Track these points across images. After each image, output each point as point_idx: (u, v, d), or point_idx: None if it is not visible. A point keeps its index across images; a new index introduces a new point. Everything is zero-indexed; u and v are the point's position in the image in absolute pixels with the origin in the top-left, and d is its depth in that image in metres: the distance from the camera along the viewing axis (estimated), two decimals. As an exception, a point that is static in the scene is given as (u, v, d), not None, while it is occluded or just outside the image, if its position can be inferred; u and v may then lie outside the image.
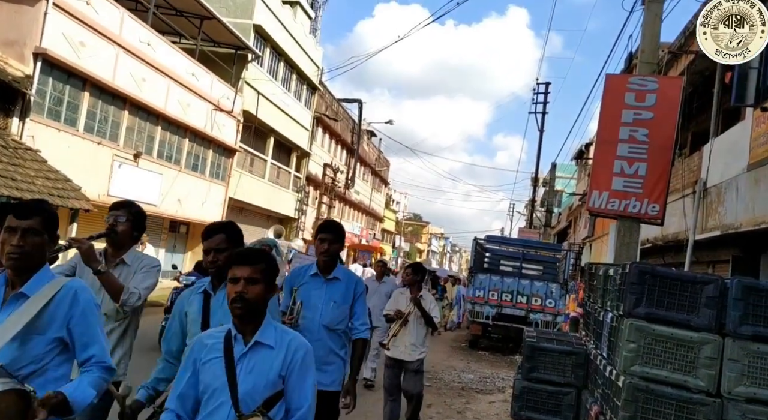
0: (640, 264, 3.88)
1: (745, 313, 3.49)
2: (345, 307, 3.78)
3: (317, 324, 3.67)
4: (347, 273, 3.94)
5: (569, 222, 30.78)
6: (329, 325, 3.70)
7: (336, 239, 3.81)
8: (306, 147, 26.86)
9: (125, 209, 3.36)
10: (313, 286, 3.77)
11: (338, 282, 3.80)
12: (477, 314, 12.98)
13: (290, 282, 3.84)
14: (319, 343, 3.55)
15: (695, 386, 3.54)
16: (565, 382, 5.23)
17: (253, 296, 2.22)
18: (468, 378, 9.68)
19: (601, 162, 6.56)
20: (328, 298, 3.73)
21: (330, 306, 3.72)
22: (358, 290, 3.87)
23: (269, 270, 2.32)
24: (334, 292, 3.76)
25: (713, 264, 10.69)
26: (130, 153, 15.30)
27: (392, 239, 55.13)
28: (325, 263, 3.81)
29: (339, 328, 3.76)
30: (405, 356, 5.83)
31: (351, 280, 3.87)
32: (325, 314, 3.71)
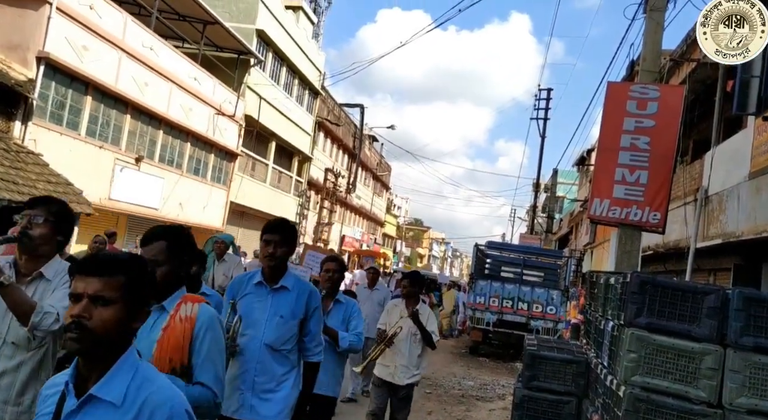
0: (641, 274, 3.87)
1: (747, 324, 3.48)
2: (294, 323, 3.21)
3: (259, 343, 3.13)
4: (299, 282, 3.34)
5: (570, 228, 30.75)
6: (273, 344, 3.14)
7: (284, 241, 3.23)
8: (308, 151, 26.89)
9: (43, 207, 2.59)
10: (256, 297, 3.22)
11: (287, 292, 3.22)
12: (478, 320, 12.96)
13: (231, 292, 3.31)
14: (260, 366, 3.12)
15: (696, 397, 3.53)
16: (565, 391, 5.21)
17: (98, 324, 1.47)
18: (468, 385, 9.65)
19: (603, 169, 6.55)
20: (273, 312, 3.17)
21: (275, 321, 3.16)
22: (312, 303, 3.29)
23: (134, 285, 1.55)
24: (282, 304, 3.20)
25: (714, 272, 10.67)
26: (131, 157, 15.32)
27: (393, 244, 55.10)
28: (270, 270, 3.22)
29: (285, 349, 3.18)
30: (394, 379, 5.15)
31: (303, 291, 3.28)
32: (268, 331, 3.14)
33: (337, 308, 4.16)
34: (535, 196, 31.92)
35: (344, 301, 4.18)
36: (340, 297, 4.17)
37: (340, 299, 4.18)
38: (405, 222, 71.33)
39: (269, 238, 3.19)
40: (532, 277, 13.41)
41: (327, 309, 3.85)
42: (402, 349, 5.12)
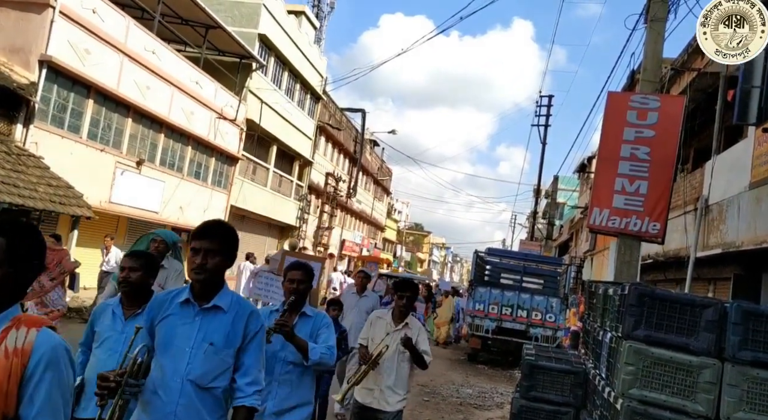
0: (640, 286, 3.86)
1: (745, 338, 3.47)
2: (228, 352, 2.48)
3: (180, 379, 2.39)
4: (238, 301, 2.60)
5: (571, 235, 30.74)
6: (200, 380, 2.41)
7: (220, 249, 2.53)
8: (308, 156, 26.92)
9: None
10: (180, 319, 2.49)
11: (221, 314, 2.51)
12: (477, 327, 12.94)
13: (149, 313, 2.58)
14: (181, 411, 2.37)
15: (694, 411, 3.52)
16: (563, 402, 5.19)
17: None
18: (466, 393, 9.62)
19: (602, 179, 6.55)
20: (201, 339, 2.45)
21: (203, 350, 2.43)
22: (251, 327, 2.55)
23: None
24: (213, 328, 2.48)
25: (714, 281, 10.66)
26: (132, 160, 15.33)
27: (393, 249, 55.07)
28: (200, 285, 2.51)
29: (216, 387, 2.45)
30: (378, 404, 4.35)
31: (242, 312, 2.55)
32: (194, 364, 2.41)
33: (303, 323, 3.54)
34: (536, 202, 31.91)
35: (312, 315, 3.58)
36: (308, 310, 3.59)
37: (308, 312, 3.58)
38: (405, 226, 71.33)
39: (198, 246, 2.50)
40: (531, 285, 13.40)
41: (292, 324, 3.43)
42: (388, 369, 4.35)
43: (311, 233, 28.92)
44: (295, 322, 3.50)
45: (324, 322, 3.58)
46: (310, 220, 28.28)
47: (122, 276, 3.36)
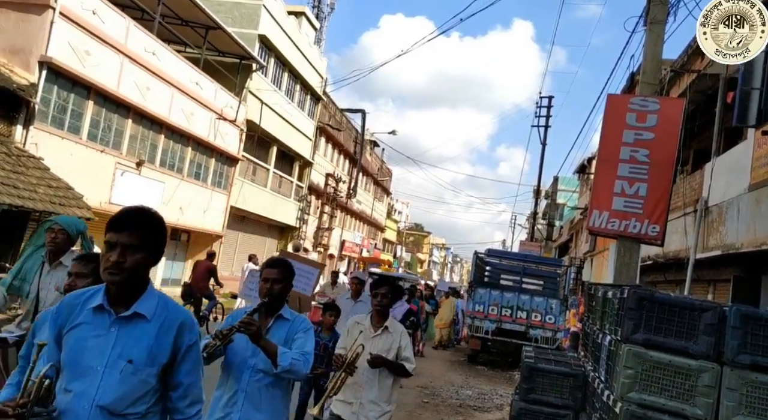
0: (639, 289, 3.86)
1: (744, 342, 3.47)
2: (150, 371, 2.03)
3: (88, 405, 1.96)
4: (165, 306, 2.13)
5: (571, 236, 30.74)
6: (113, 406, 1.98)
7: (143, 244, 2.05)
8: (309, 156, 26.93)
9: None
10: (92, 329, 2.04)
11: (143, 323, 2.06)
12: (476, 329, 12.94)
13: (56, 321, 2.09)
14: None
15: (693, 415, 3.52)
16: (562, 405, 5.20)
17: None
18: (466, 394, 9.62)
19: (602, 181, 6.56)
20: (117, 355, 2.00)
21: (119, 370, 1.99)
22: (184, 339, 2.12)
23: None
24: (133, 342, 2.02)
25: (714, 283, 10.66)
26: (132, 161, 15.34)
27: (393, 249, 55.09)
28: (117, 288, 2.04)
29: (134, 413, 2.03)
30: (357, 418, 3.99)
31: (171, 320, 2.10)
32: (106, 386, 1.98)
33: (279, 327, 3.16)
34: (536, 203, 31.91)
35: (290, 318, 3.20)
36: (286, 313, 3.20)
37: (285, 315, 3.19)
38: (405, 227, 71.34)
39: (114, 239, 2.01)
40: (531, 286, 13.39)
41: (266, 327, 3.09)
42: (369, 381, 3.97)
43: (311, 234, 28.93)
44: (270, 325, 3.14)
45: (302, 326, 3.19)
46: (310, 220, 28.29)
47: (68, 283, 3.01)
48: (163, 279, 18.81)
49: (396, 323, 4.24)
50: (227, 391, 3.08)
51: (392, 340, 4.08)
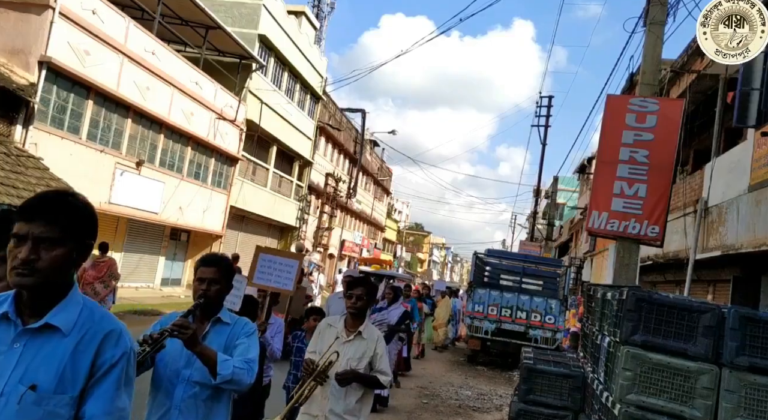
0: (638, 291, 3.86)
1: (742, 344, 3.47)
2: (61, 400, 1.59)
3: None
4: (90, 316, 1.69)
5: (571, 235, 30.73)
6: None
7: (63, 237, 1.63)
8: (308, 156, 26.92)
9: None
10: None
11: (57, 338, 1.63)
12: (476, 329, 12.93)
13: None
14: None
15: (691, 416, 3.51)
16: (561, 406, 5.19)
17: None
18: (465, 394, 9.61)
19: (601, 182, 6.55)
20: (18, 378, 1.57)
21: (18, 397, 1.55)
22: (105, 357, 1.66)
23: None
24: (40, 362, 1.60)
25: (714, 283, 10.65)
26: (132, 161, 15.34)
27: (393, 249, 55.09)
28: (30, 293, 1.63)
29: None
30: None
31: (93, 334, 1.67)
32: None
33: (217, 332, 2.72)
34: (536, 203, 31.90)
35: (230, 321, 2.78)
36: (225, 316, 2.78)
37: (224, 319, 2.76)
38: (405, 227, 71.33)
39: (24, 231, 1.61)
40: (531, 286, 13.37)
41: (202, 333, 2.66)
42: (336, 392, 3.54)
43: (311, 234, 28.93)
44: (207, 330, 2.70)
45: (245, 330, 2.77)
46: (310, 220, 28.28)
47: None
48: (162, 279, 18.84)
49: (372, 329, 3.81)
50: (157, 409, 2.59)
51: (366, 348, 3.62)
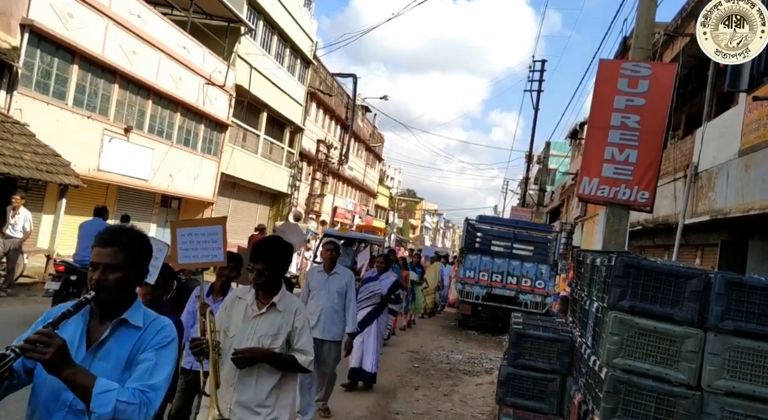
0: (626, 257, 3.88)
1: (728, 308, 3.51)
2: None
3: None
4: None
5: (562, 201, 30.84)
6: None
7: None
8: (299, 122, 26.67)
9: None
10: None
11: None
12: (467, 294, 13.06)
13: None
14: None
15: (676, 379, 3.58)
16: (550, 369, 5.28)
17: None
18: (456, 358, 9.76)
19: (593, 148, 6.53)
20: None
21: None
22: None
23: None
24: None
25: (702, 247, 10.76)
26: (120, 127, 15.13)
27: (386, 215, 55.20)
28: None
29: None
30: None
31: None
32: None
33: (119, 339, 1.95)
34: (528, 168, 31.92)
35: (141, 325, 1.99)
36: (134, 315, 1.99)
37: (132, 320, 1.97)
38: (398, 193, 71.35)
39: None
40: (522, 251, 13.47)
41: (99, 339, 1.92)
42: (241, 376, 2.90)
43: (303, 201, 28.88)
44: (105, 336, 1.93)
45: (156, 340, 1.96)
46: (301, 187, 28.20)
47: None
48: (154, 246, 18.81)
49: (289, 299, 3.09)
50: None
51: (282, 322, 2.99)
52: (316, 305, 5.47)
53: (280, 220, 26.82)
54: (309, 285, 5.65)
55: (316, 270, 5.85)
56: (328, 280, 5.60)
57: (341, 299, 5.57)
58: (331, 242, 5.94)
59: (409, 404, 6.60)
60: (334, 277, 5.62)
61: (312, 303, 5.49)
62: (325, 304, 5.50)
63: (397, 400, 6.76)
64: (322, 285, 5.58)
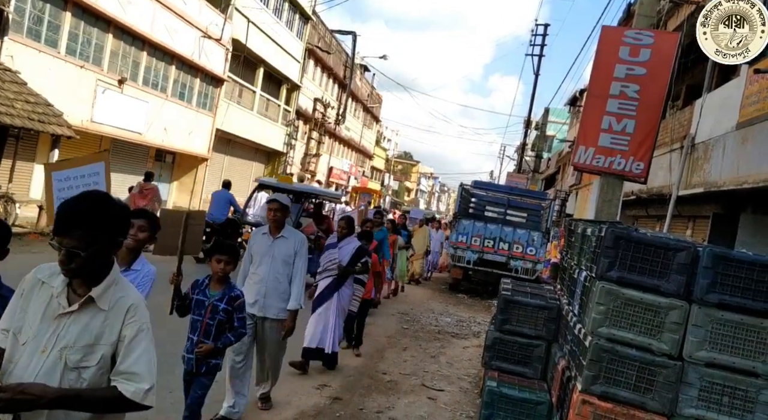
0: (617, 228, 3.89)
1: (714, 282, 3.54)
2: None
3: None
4: None
5: (558, 168, 30.80)
6: None
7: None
8: (296, 79, 26.30)
9: None
10: None
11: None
12: (459, 259, 13.15)
13: None
14: None
15: (659, 349, 3.64)
16: (536, 335, 5.36)
17: None
18: (445, 321, 9.89)
19: (590, 117, 6.48)
20: None
21: None
22: None
23: None
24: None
25: (694, 219, 10.81)
26: (114, 78, 14.89)
27: (381, 177, 55.09)
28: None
29: None
30: None
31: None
32: None
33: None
34: (525, 133, 31.74)
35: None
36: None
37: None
38: (394, 155, 71.06)
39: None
40: (515, 218, 13.52)
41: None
42: None
43: (298, 160, 28.73)
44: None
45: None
46: (297, 146, 28.00)
47: None
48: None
49: (122, 289, 1.97)
50: None
51: (104, 327, 1.89)
52: (259, 276, 4.61)
53: (275, 178, 26.74)
54: (251, 250, 4.73)
55: (261, 232, 4.84)
56: (272, 245, 4.68)
57: (287, 268, 4.63)
58: (276, 200, 4.78)
59: (396, 364, 6.71)
60: (280, 242, 4.68)
61: (256, 272, 4.66)
62: (267, 274, 4.58)
63: (385, 360, 6.87)
64: (266, 251, 4.67)
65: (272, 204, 4.74)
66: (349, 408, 5.05)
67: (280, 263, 4.62)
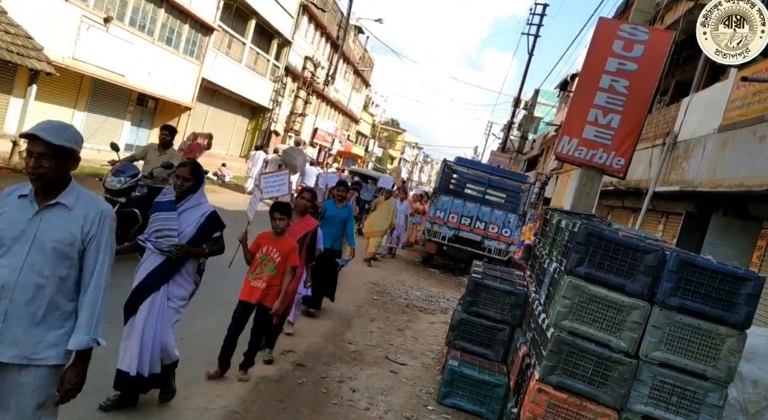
0: (590, 225, 3.94)
1: (677, 286, 3.64)
2: None
3: None
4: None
5: (542, 151, 30.93)
6: None
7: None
8: (288, 35, 25.76)
9: None
10: None
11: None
12: (434, 234, 13.23)
13: None
14: None
15: (617, 346, 3.75)
16: (501, 320, 5.47)
17: None
18: (415, 295, 10.00)
19: (577, 108, 6.49)
20: None
21: None
22: None
23: None
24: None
25: (667, 215, 10.99)
26: (100, 16, 14.42)
27: (366, 143, 54.76)
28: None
29: None
30: None
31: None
32: None
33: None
34: (513, 113, 31.71)
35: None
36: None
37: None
38: (381, 122, 70.55)
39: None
40: (494, 198, 13.57)
41: None
42: None
43: (284, 118, 28.36)
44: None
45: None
46: (284, 103, 27.61)
47: None
48: (127, 144, 18.41)
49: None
50: None
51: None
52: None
53: (259, 134, 26.42)
54: None
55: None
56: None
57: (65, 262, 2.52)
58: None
59: (362, 335, 6.79)
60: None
61: None
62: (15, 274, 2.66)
63: (352, 329, 6.95)
64: None
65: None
66: (312, 375, 5.12)
67: None
